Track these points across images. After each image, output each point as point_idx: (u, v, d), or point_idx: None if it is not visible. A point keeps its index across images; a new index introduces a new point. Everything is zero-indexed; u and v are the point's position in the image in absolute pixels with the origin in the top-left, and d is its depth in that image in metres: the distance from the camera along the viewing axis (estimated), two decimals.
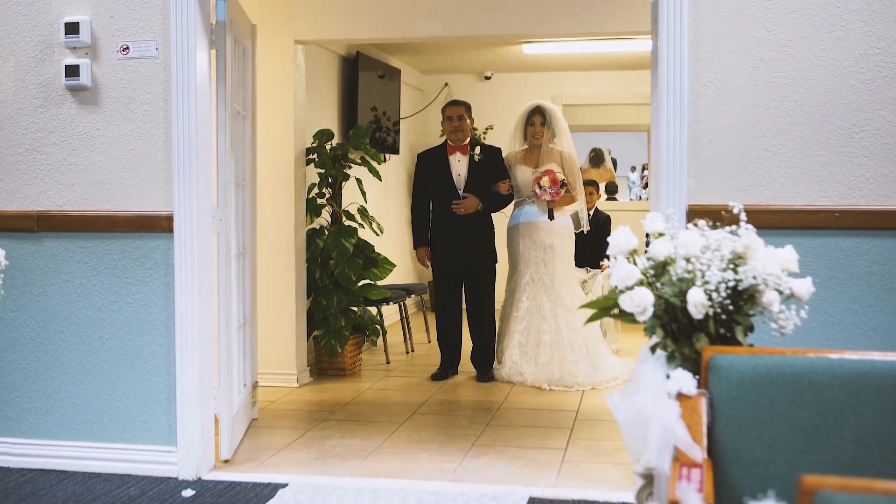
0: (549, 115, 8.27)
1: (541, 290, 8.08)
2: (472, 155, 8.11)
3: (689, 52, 4.78)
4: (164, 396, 5.41)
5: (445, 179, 8.11)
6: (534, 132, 8.23)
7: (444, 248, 8.13)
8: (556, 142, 8.26)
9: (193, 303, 5.33)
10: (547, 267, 8.12)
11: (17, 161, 5.54)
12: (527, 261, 8.15)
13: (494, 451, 5.89)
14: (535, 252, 8.12)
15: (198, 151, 5.33)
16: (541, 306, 8.06)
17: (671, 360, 3.17)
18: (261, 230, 7.78)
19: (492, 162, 8.15)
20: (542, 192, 7.97)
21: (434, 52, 11.12)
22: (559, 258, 8.14)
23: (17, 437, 5.58)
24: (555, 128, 8.26)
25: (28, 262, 5.52)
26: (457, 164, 8.13)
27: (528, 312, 8.08)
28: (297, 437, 6.20)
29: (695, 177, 4.78)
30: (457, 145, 8.17)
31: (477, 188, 8.07)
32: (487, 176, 8.12)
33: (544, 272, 8.11)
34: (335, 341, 7.97)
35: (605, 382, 7.80)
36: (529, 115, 8.29)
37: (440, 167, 8.15)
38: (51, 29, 5.49)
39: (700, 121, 4.78)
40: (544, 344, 7.96)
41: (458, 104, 8.24)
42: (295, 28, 7.72)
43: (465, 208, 8.00)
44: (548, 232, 8.13)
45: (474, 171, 8.09)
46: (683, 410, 2.91)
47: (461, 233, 8.06)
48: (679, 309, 3.15)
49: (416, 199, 8.33)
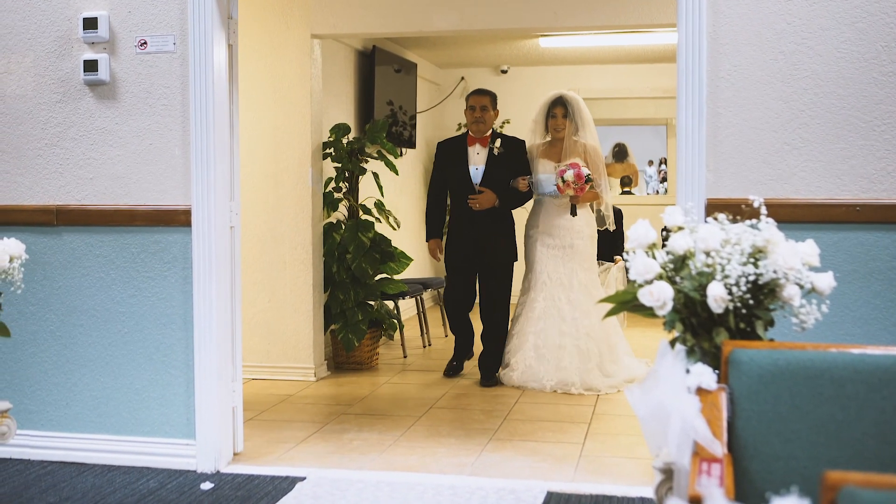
0: (572, 106, 7.84)
1: (559, 290, 7.67)
2: (491, 148, 7.73)
3: (708, 45, 4.76)
4: (182, 390, 5.42)
5: (462, 172, 7.77)
6: (555, 125, 7.81)
7: (458, 242, 7.83)
8: (581, 135, 7.83)
9: (211, 296, 5.34)
10: (566, 267, 7.70)
11: (36, 156, 5.55)
12: (544, 259, 7.74)
13: (512, 445, 5.89)
14: (554, 251, 7.73)
15: (215, 146, 5.33)
16: (560, 307, 7.63)
17: (691, 354, 3.16)
18: (278, 224, 7.79)
19: (513, 155, 7.75)
20: (566, 186, 7.48)
21: (450, 45, 11.11)
22: (579, 259, 7.72)
23: (37, 430, 5.60)
24: (578, 120, 7.83)
25: (47, 257, 5.54)
26: (475, 157, 7.78)
27: (546, 313, 7.65)
28: (315, 430, 6.21)
29: (714, 170, 4.76)
30: (477, 137, 7.82)
31: (494, 183, 7.70)
32: (507, 170, 7.73)
33: (563, 272, 7.69)
34: (352, 335, 7.97)
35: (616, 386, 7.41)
36: (550, 106, 7.87)
37: (458, 159, 7.83)
38: (69, 24, 5.50)
39: (719, 114, 4.75)
40: (565, 348, 7.53)
41: (482, 93, 7.90)
42: (311, 22, 7.72)
43: (480, 204, 7.64)
44: (568, 230, 7.72)
45: (493, 165, 7.71)
46: (703, 405, 2.90)
47: (476, 228, 7.72)
48: (699, 303, 3.13)
49: (432, 190, 8.07)
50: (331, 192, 8.26)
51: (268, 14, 7.77)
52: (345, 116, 9.18)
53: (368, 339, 8.25)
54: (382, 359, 8.75)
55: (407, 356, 8.88)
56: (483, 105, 7.81)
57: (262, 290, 7.88)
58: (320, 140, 8.00)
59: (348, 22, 7.74)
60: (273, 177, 7.81)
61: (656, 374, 3.09)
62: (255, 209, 7.83)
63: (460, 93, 12.67)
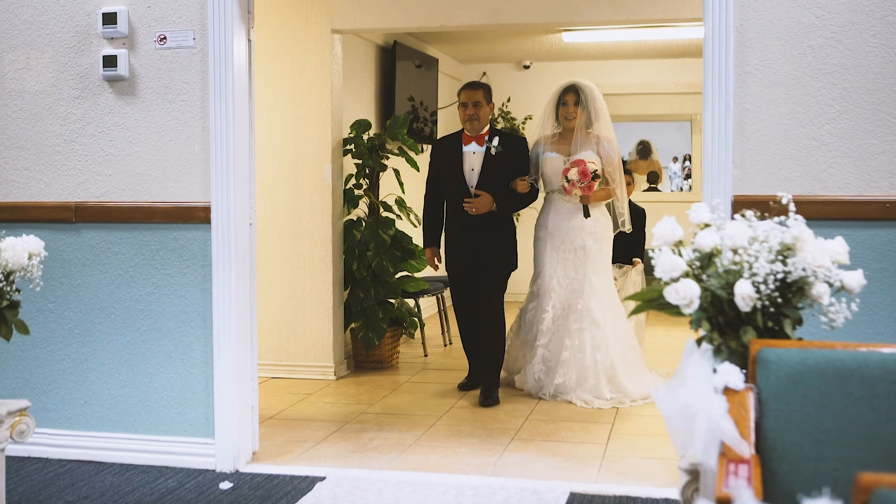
0: (585, 94, 7.29)
1: (569, 297, 7.16)
2: (488, 147, 7.11)
3: (735, 38, 4.74)
4: (201, 388, 5.43)
5: (457, 173, 7.17)
6: (566, 113, 7.27)
7: (455, 249, 7.27)
8: (594, 126, 7.31)
9: (230, 294, 5.35)
10: (577, 272, 7.18)
11: (55, 152, 5.57)
12: (554, 263, 7.23)
13: (534, 445, 5.88)
14: (565, 254, 7.21)
15: (235, 142, 5.34)
16: (567, 316, 7.14)
17: (718, 353, 3.15)
18: (297, 222, 7.80)
19: (512, 155, 7.15)
20: (572, 186, 7.00)
21: (472, 40, 11.09)
22: (591, 262, 7.19)
23: (55, 428, 5.62)
24: (591, 109, 7.29)
25: (66, 254, 5.56)
26: (471, 157, 7.16)
27: (555, 323, 7.18)
28: (335, 430, 6.21)
29: (740, 167, 4.74)
30: (473, 135, 7.19)
31: (492, 185, 7.08)
32: (505, 171, 7.14)
33: (574, 277, 7.19)
34: (372, 334, 7.97)
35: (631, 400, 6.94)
36: (562, 93, 7.34)
37: (452, 158, 7.22)
38: (88, 19, 5.51)
39: (746, 109, 4.73)
40: (564, 361, 7.06)
41: (474, 87, 7.25)
42: (332, 17, 7.72)
43: (476, 208, 7.03)
44: (580, 231, 7.18)
45: (490, 166, 7.10)
46: (730, 405, 2.89)
47: (473, 234, 7.12)
48: (726, 301, 3.12)
49: (429, 192, 7.47)
50: (351, 188, 8.26)
51: (288, 9, 7.77)
52: (365, 112, 9.18)
53: (389, 338, 8.26)
54: (403, 357, 8.75)
55: (428, 355, 8.88)
56: (476, 100, 7.17)
57: (281, 287, 7.89)
58: (340, 136, 8.00)
59: (369, 17, 7.74)
60: (293, 173, 7.82)
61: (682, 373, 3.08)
62: (275, 206, 7.84)
63: None
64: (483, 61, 12.70)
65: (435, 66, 11.07)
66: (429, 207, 7.45)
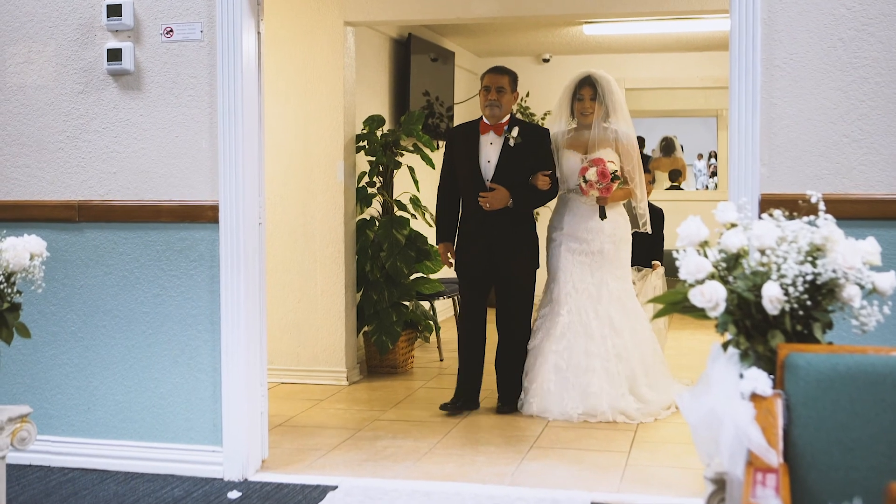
0: (602, 87, 7.02)
1: (586, 302, 6.91)
2: (506, 137, 6.83)
3: (762, 31, 4.73)
4: (209, 394, 5.45)
5: (472, 165, 6.90)
6: (581, 108, 7.01)
7: (469, 246, 6.97)
8: (612, 121, 7.05)
9: (239, 296, 5.36)
10: (594, 276, 6.93)
11: (57, 149, 5.59)
12: (569, 266, 6.97)
13: (554, 453, 5.88)
14: (581, 257, 6.96)
15: (244, 138, 5.35)
16: (587, 323, 6.87)
17: (744, 358, 3.14)
18: (308, 221, 7.81)
19: (533, 147, 6.86)
20: (589, 186, 6.74)
21: (489, 33, 11.10)
22: (609, 266, 6.96)
23: (57, 436, 5.64)
24: (609, 103, 7.03)
25: (69, 254, 5.58)
26: (488, 148, 6.89)
27: (570, 329, 6.86)
28: (347, 437, 6.22)
29: (768, 164, 4.73)
30: (491, 124, 6.91)
31: (509, 179, 6.80)
32: (525, 164, 6.84)
33: (591, 282, 6.93)
34: (386, 337, 7.97)
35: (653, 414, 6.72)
36: (577, 86, 7.06)
37: (468, 149, 6.95)
38: (92, 11, 5.53)
39: (774, 104, 4.73)
40: (594, 370, 6.76)
41: (500, 72, 6.97)
42: (344, 9, 7.73)
43: (490, 203, 6.76)
44: (597, 233, 6.94)
45: (508, 158, 6.82)
46: (758, 412, 2.88)
47: (490, 232, 6.85)
48: (753, 304, 3.11)
49: (443, 185, 7.18)
50: (364, 186, 8.27)
51: (298, 0, 7.78)
52: (379, 108, 9.19)
53: (403, 342, 8.26)
54: (418, 362, 8.76)
55: (443, 359, 8.88)
56: (500, 86, 6.89)
57: (291, 290, 7.90)
58: (353, 132, 8.01)
59: (383, 8, 7.74)
60: (303, 171, 7.83)
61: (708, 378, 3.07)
62: (285, 205, 7.85)
63: None
64: (501, 55, 12.70)
65: (451, 60, 11.07)
66: (442, 199, 7.17)
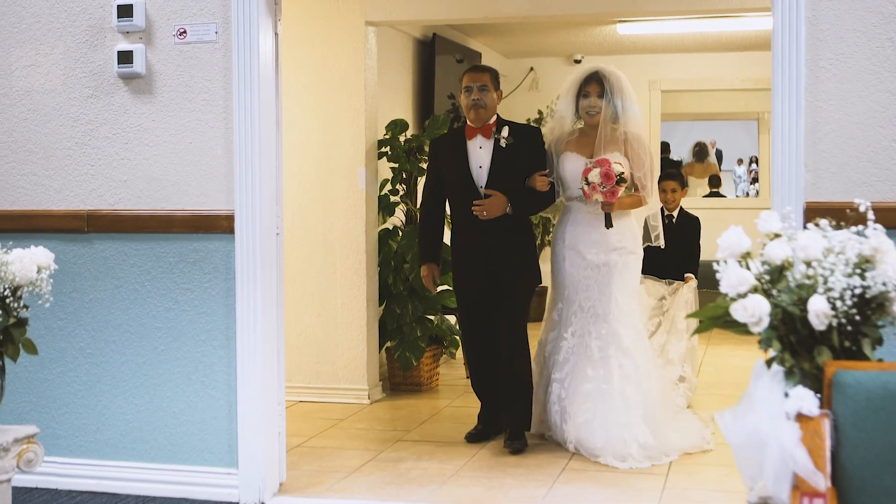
0: (610, 83, 6.60)
1: (590, 322, 6.50)
2: (497, 139, 6.50)
3: (806, 30, 4.72)
4: (224, 413, 5.45)
5: (462, 172, 6.56)
6: (588, 106, 6.58)
7: (465, 265, 6.66)
8: (622, 121, 6.61)
9: (256, 310, 5.36)
10: (601, 292, 6.51)
11: (65, 156, 5.62)
12: (575, 283, 6.59)
13: (588, 476, 5.86)
14: (585, 271, 6.55)
15: (261, 144, 5.36)
16: (588, 344, 6.47)
17: (790, 376, 3.13)
18: (328, 231, 7.82)
19: (526, 147, 6.55)
20: (592, 190, 6.29)
21: (518, 33, 11.10)
22: (617, 280, 6.53)
23: (65, 457, 5.65)
24: (617, 102, 6.59)
25: (78, 266, 5.60)
26: (477, 152, 6.55)
27: (574, 354, 6.51)
28: (369, 458, 6.22)
29: (813, 171, 4.72)
30: (478, 126, 6.57)
31: (504, 183, 6.47)
32: (520, 166, 6.53)
33: (597, 299, 6.51)
34: (410, 353, 7.97)
35: (667, 455, 6.18)
36: (582, 83, 6.65)
37: (456, 156, 6.61)
38: (102, 12, 5.56)
39: (819, 108, 4.71)
40: (584, 395, 6.37)
41: (480, 70, 6.71)
42: (366, 8, 7.74)
43: (488, 211, 6.42)
44: (602, 245, 6.52)
45: (501, 161, 6.49)
46: (804, 433, 2.87)
47: (485, 244, 6.51)
48: (798, 319, 3.10)
49: (426, 199, 6.90)
50: (387, 194, 8.28)
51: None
52: (402, 111, 9.21)
53: (428, 358, 8.26)
54: (443, 379, 8.75)
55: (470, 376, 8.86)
56: (482, 84, 6.56)
57: (310, 303, 7.91)
58: (375, 138, 8.02)
59: (406, 7, 7.75)
60: (323, 178, 7.84)
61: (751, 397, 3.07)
62: (303, 214, 7.86)
63: (529, 85, 12.67)
64: (530, 55, 12.71)
65: (477, 61, 11.08)
66: (426, 217, 6.92)
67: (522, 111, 12.49)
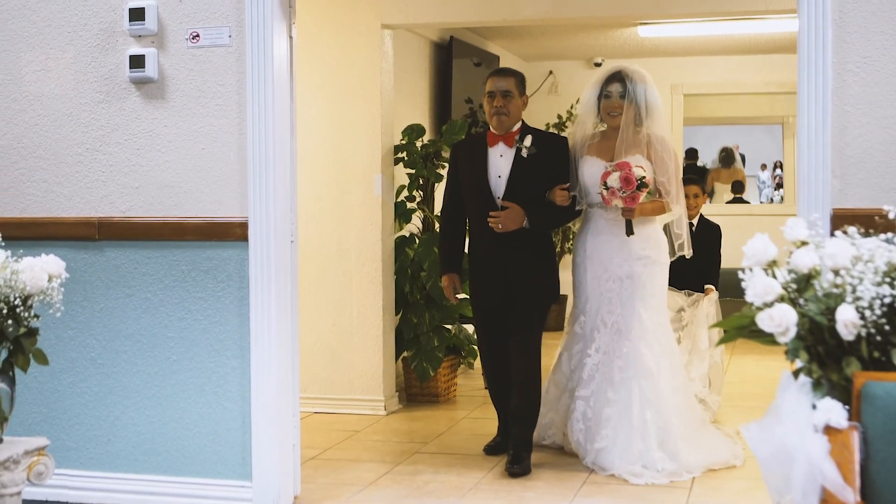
0: (633, 83, 6.42)
1: (613, 339, 6.32)
2: (518, 148, 6.32)
3: (833, 33, 4.71)
4: (237, 425, 5.46)
5: (480, 182, 6.38)
6: (609, 107, 6.40)
7: (481, 275, 6.51)
8: (646, 124, 6.41)
9: (270, 319, 5.37)
10: (623, 306, 6.33)
11: (76, 162, 5.63)
12: (597, 295, 6.42)
13: (610, 489, 5.85)
14: (607, 283, 6.37)
15: (275, 150, 5.36)
16: (611, 363, 6.29)
17: (817, 387, 3.12)
18: (343, 239, 7.82)
19: (549, 158, 6.35)
20: (611, 195, 6.10)
21: (537, 36, 11.11)
22: (640, 294, 6.34)
23: (76, 469, 5.66)
24: (640, 102, 6.39)
25: (88, 275, 5.61)
26: (497, 161, 6.37)
27: (599, 371, 6.33)
28: (385, 471, 6.22)
29: (840, 177, 4.70)
30: (500, 134, 6.40)
31: (523, 195, 6.27)
32: (541, 178, 6.34)
33: (619, 314, 6.34)
34: (427, 364, 7.97)
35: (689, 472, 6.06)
36: (604, 83, 6.46)
37: (475, 164, 6.43)
38: (114, 15, 5.57)
39: (847, 112, 4.70)
40: (605, 420, 6.22)
41: (505, 74, 6.50)
42: (381, 11, 7.75)
43: (504, 224, 6.23)
44: (624, 254, 6.34)
45: (521, 171, 6.30)
46: (832, 446, 2.87)
47: (501, 255, 6.35)
48: (826, 329, 3.10)
49: (446, 207, 6.74)
50: (403, 201, 8.28)
51: (331, 1, 7.80)
52: (419, 116, 9.21)
53: (445, 368, 8.26)
54: (461, 390, 8.75)
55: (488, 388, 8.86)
56: (506, 90, 6.37)
57: (325, 312, 7.91)
58: (391, 143, 8.03)
59: (423, 10, 7.75)
60: (338, 185, 7.85)
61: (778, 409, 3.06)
62: (318, 221, 7.87)
63: (548, 89, 12.67)
64: (549, 58, 12.72)
65: (496, 65, 11.07)
66: (446, 224, 6.74)
67: (541, 116, 12.49)
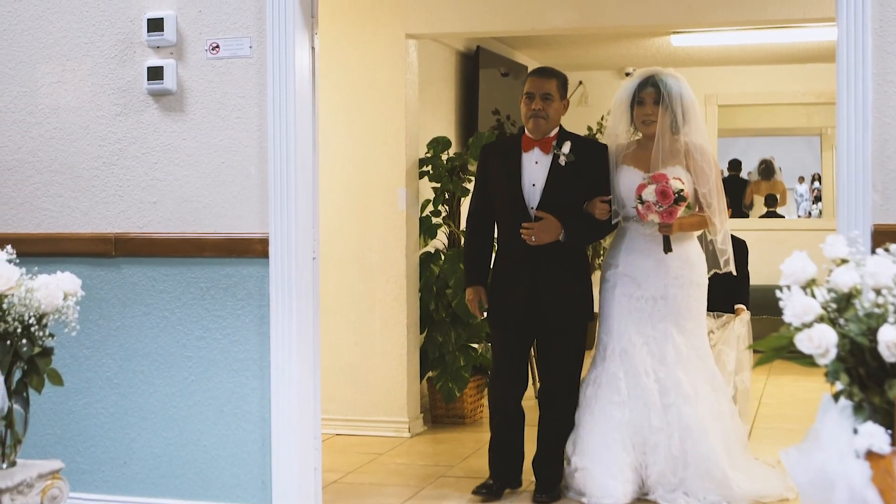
0: (668, 89, 6.18)
1: (647, 362, 6.05)
2: (556, 154, 6.06)
3: (872, 42, 4.69)
4: (257, 447, 5.45)
5: (513, 189, 6.08)
6: (643, 114, 6.16)
7: (507, 289, 6.16)
8: (683, 132, 6.19)
9: (291, 339, 5.36)
10: (656, 329, 6.08)
11: (92, 177, 5.65)
12: (625, 316, 6.12)
13: None
14: (639, 303, 6.11)
15: (297, 164, 5.37)
16: (647, 388, 6.02)
17: (859, 411, 3.10)
18: (366, 255, 7.82)
19: (589, 166, 6.10)
20: (646, 209, 5.85)
21: (566, 45, 11.10)
22: (676, 317, 6.10)
23: (90, 493, 5.66)
24: (677, 109, 6.15)
25: (105, 292, 5.62)
26: (532, 168, 6.08)
27: (634, 396, 6.04)
28: (410, 496, 6.21)
29: (881, 191, 4.69)
30: (536, 138, 6.12)
31: (559, 206, 5.99)
32: (578, 188, 6.07)
33: (651, 335, 6.08)
34: (453, 384, 7.95)
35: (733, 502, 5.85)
36: (637, 88, 6.23)
37: (508, 169, 6.13)
38: (132, 26, 5.59)
39: (887, 124, 4.68)
40: (653, 447, 5.98)
41: (546, 75, 6.22)
42: (406, 20, 7.76)
43: (537, 236, 5.94)
44: (660, 273, 6.08)
45: (558, 180, 6.03)
46: (875, 472, 2.85)
47: (533, 269, 6.03)
48: (868, 350, 3.08)
49: (472, 215, 6.41)
50: (428, 216, 8.28)
51: (355, 10, 7.82)
52: (444, 128, 9.21)
53: (471, 389, 8.24)
54: (488, 412, 8.70)
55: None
56: (546, 92, 6.10)
57: (348, 330, 7.90)
58: (416, 156, 8.03)
59: (449, 20, 7.76)
60: (361, 199, 7.85)
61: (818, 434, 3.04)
62: (340, 237, 7.87)
63: (578, 100, 12.65)
64: (579, 68, 12.70)
65: (523, 75, 11.07)
66: (472, 234, 6.39)
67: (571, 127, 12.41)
